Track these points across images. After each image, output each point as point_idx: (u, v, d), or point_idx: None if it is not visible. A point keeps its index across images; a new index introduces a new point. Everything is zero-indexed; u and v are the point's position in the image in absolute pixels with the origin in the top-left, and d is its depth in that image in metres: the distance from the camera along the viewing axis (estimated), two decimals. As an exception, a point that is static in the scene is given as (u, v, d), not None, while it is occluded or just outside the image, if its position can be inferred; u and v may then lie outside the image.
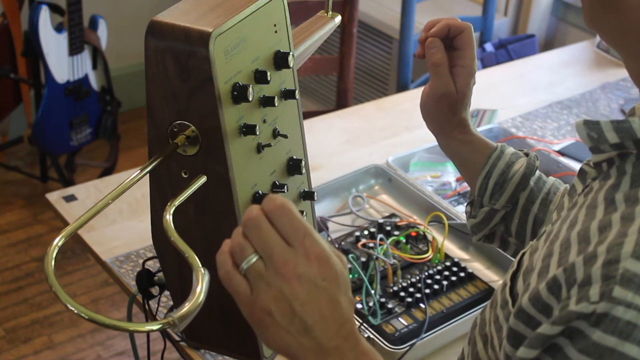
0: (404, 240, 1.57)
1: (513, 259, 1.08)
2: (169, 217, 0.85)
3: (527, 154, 1.17)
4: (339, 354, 0.74)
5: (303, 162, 1.05)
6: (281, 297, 0.72)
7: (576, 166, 1.84)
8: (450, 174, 1.81)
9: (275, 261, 0.73)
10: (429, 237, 1.58)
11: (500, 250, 1.24)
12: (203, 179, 0.91)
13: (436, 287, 1.47)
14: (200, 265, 0.78)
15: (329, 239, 1.56)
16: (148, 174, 0.91)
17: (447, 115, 1.17)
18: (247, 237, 0.74)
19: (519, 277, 0.82)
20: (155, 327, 0.76)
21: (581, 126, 0.78)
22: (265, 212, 0.74)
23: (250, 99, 0.91)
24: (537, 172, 1.16)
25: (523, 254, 0.86)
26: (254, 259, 0.73)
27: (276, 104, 0.97)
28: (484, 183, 1.16)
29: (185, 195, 0.89)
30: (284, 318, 0.73)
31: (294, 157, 1.05)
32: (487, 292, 1.48)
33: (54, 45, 2.82)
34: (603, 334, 0.68)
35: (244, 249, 0.74)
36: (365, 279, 1.44)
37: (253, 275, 0.73)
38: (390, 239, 1.55)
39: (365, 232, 1.59)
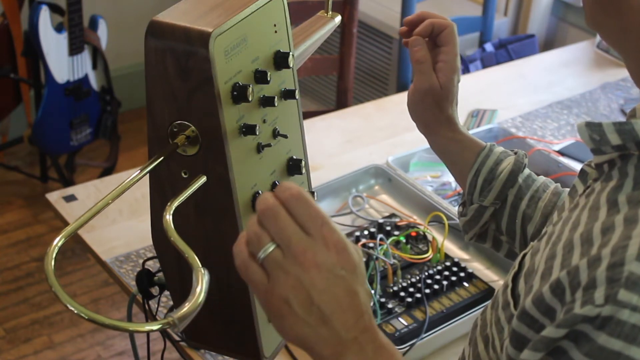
0: (404, 240, 1.57)
1: (512, 260, 1.08)
2: (169, 217, 0.85)
3: (515, 153, 1.18)
4: (357, 346, 0.73)
5: (303, 162, 1.05)
6: (299, 286, 0.71)
7: (576, 166, 1.84)
8: (450, 174, 1.81)
9: (294, 250, 0.71)
10: (429, 237, 1.58)
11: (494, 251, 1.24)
12: (203, 179, 0.91)
13: (436, 287, 1.47)
14: (200, 265, 0.78)
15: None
16: (148, 174, 0.91)
17: (434, 113, 1.17)
18: (264, 226, 0.72)
19: (521, 279, 0.82)
20: (155, 327, 0.76)
21: (583, 128, 0.78)
22: (281, 201, 0.73)
23: (250, 99, 0.91)
24: (527, 170, 1.17)
25: (524, 255, 0.86)
26: (272, 248, 0.72)
27: (276, 104, 0.97)
28: (473, 181, 1.16)
29: (185, 195, 0.89)
30: (301, 307, 0.71)
31: (294, 157, 1.05)
32: (487, 292, 1.48)
33: (54, 45, 2.82)
34: (609, 338, 0.68)
35: (260, 238, 0.72)
36: (365, 279, 1.44)
37: (271, 264, 0.72)
38: (390, 239, 1.55)
39: (365, 232, 1.59)
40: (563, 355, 0.70)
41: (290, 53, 0.99)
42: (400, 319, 1.40)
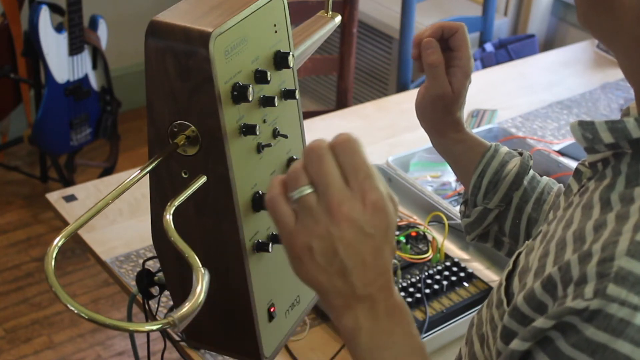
0: (404, 240, 1.57)
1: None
2: (169, 217, 0.85)
3: (521, 154, 1.17)
4: (369, 303, 0.73)
5: (303, 162, 1.05)
6: (327, 237, 0.70)
7: (576, 166, 1.84)
8: (450, 174, 1.81)
9: (329, 199, 0.70)
10: (429, 237, 1.58)
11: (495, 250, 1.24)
12: (203, 179, 0.91)
13: (436, 287, 1.47)
14: (200, 265, 0.78)
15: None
16: (148, 174, 0.91)
17: (442, 115, 1.17)
18: (306, 167, 0.71)
19: (515, 277, 0.82)
20: (155, 327, 0.76)
21: (576, 127, 0.79)
22: (331, 146, 0.71)
23: (250, 99, 0.91)
24: (531, 172, 1.17)
25: (519, 254, 0.87)
26: (308, 191, 0.70)
27: (276, 104, 0.97)
28: (478, 182, 1.16)
29: (185, 195, 0.89)
30: (323, 257, 0.70)
31: (294, 157, 1.05)
32: (487, 292, 1.48)
33: (54, 45, 2.83)
34: (596, 330, 0.68)
35: (299, 178, 0.71)
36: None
37: (303, 207, 0.70)
38: (390, 239, 1.55)
39: (365, 232, 1.59)
40: (550, 344, 0.71)
41: (290, 53, 0.99)
42: (400, 319, 1.40)
